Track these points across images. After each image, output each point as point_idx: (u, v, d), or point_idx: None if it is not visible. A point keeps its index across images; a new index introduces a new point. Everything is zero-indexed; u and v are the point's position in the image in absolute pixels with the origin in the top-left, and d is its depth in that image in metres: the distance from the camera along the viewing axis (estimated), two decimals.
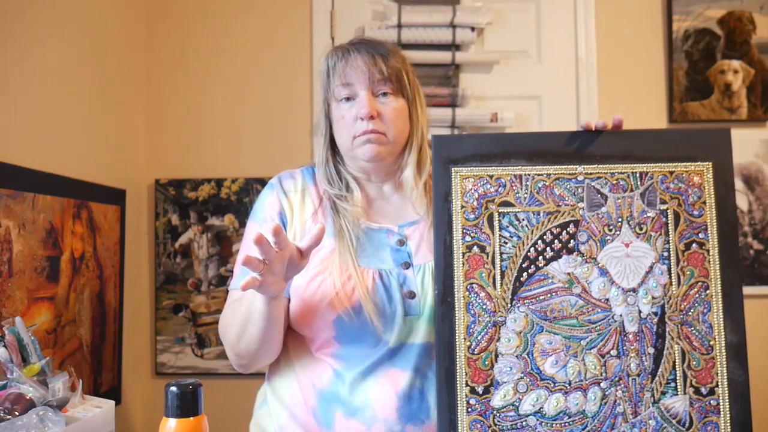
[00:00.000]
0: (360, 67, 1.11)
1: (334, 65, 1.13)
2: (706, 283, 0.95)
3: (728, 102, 2.22)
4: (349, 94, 1.12)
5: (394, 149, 1.14)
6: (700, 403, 0.93)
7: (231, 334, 1.08)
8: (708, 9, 2.24)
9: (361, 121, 1.10)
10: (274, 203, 1.16)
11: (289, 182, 1.19)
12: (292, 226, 1.14)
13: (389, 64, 1.12)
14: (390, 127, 1.11)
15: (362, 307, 1.04)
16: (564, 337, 0.95)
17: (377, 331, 1.05)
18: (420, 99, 1.18)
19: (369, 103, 1.10)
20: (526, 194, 0.98)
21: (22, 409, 1.09)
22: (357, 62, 1.11)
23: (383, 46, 1.15)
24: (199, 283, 2.17)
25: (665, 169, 0.98)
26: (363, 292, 1.04)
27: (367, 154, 1.11)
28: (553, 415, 0.93)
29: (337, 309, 1.04)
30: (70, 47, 1.70)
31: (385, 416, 1.03)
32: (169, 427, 0.77)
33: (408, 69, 1.16)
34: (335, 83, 1.13)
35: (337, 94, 1.13)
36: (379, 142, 1.10)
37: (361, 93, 1.11)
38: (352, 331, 1.05)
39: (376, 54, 1.12)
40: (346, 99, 1.12)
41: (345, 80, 1.12)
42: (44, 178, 1.51)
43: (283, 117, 2.21)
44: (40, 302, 1.47)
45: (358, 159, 1.13)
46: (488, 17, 2.20)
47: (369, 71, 1.10)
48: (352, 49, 1.13)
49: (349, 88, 1.12)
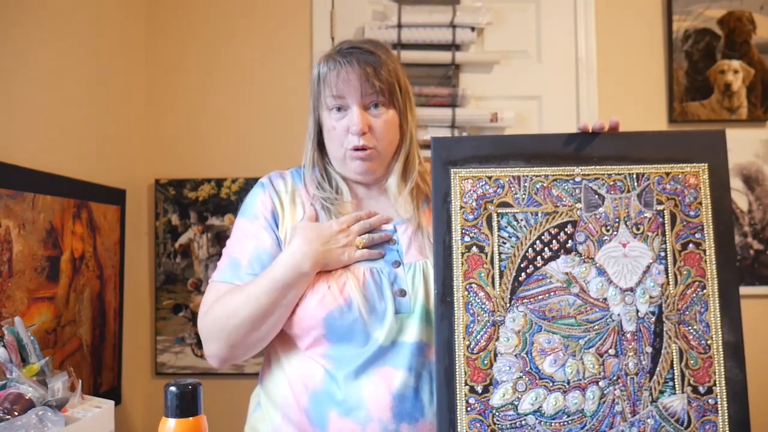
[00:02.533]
0: (352, 81, 1.11)
1: (326, 75, 1.13)
2: (703, 282, 0.96)
3: (728, 102, 2.23)
4: (341, 105, 1.13)
5: (384, 161, 1.16)
6: (698, 402, 0.93)
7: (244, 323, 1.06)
8: (708, 9, 2.24)
9: (352, 135, 1.12)
10: (267, 202, 1.17)
11: (280, 182, 1.20)
12: (284, 226, 1.15)
13: (381, 77, 1.11)
14: (380, 141, 1.13)
15: (353, 303, 1.04)
16: (562, 337, 0.95)
17: (367, 329, 1.05)
18: (411, 106, 1.19)
19: (361, 119, 1.11)
20: (524, 195, 0.98)
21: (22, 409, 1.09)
22: (349, 76, 1.11)
23: (375, 54, 1.13)
24: (199, 283, 2.17)
25: (662, 170, 0.98)
26: (354, 288, 1.05)
27: (358, 170, 1.14)
28: (551, 414, 0.94)
29: (328, 306, 1.05)
30: (70, 47, 1.70)
31: (380, 415, 1.03)
32: (168, 427, 0.77)
33: (400, 76, 1.16)
34: (326, 93, 1.13)
35: (329, 104, 1.14)
36: (371, 159, 1.13)
37: (353, 108, 1.12)
38: (342, 329, 1.05)
39: (368, 66, 1.11)
40: (337, 109, 1.13)
41: (337, 93, 1.12)
42: (44, 178, 1.51)
43: (283, 117, 2.21)
44: (40, 302, 1.47)
45: (348, 171, 1.16)
46: (488, 17, 2.20)
47: (361, 86, 1.10)
48: (343, 62, 1.12)
49: (341, 101, 1.13)
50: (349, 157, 1.14)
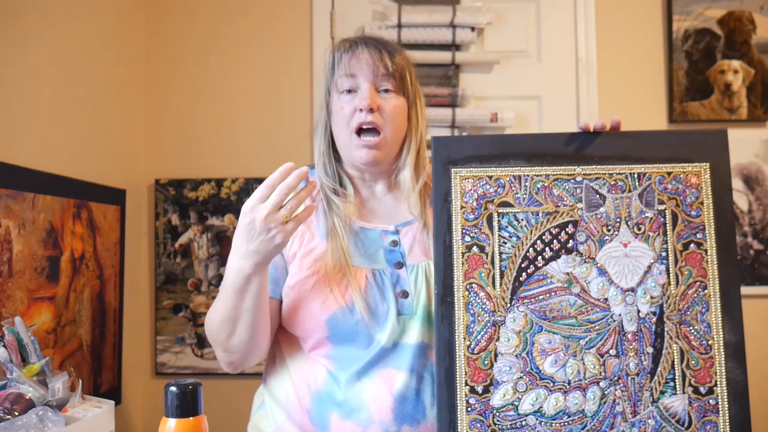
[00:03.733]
0: (366, 59, 1.11)
1: (341, 56, 1.13)
2: (704, 282, 0.95)
3: (728, 102, 2.22)
4: (352, 86, 1.12)
5: (391, 150, 1.14)
6: (699, 402, 0.93)
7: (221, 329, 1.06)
8: (708, 9, 2.24)
9: (360, 112, 1.10)
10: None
11: None
12: None
13: (395, 60, 1.12)
14: (388, 122, 1.11)
15: (355, 305, 1.04)
16: (563, 337, 0.95)
17: (369, 331, 1.05)
18: (420, 101, 1.18)
19: (370, 95, 1.10)
20: (525, 195, 0.98)
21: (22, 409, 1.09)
22: (363, 54, 1.12)
23: (390, 44, 1.16)
24: (199, 283, 2.17)
25: (663, 169, 0.98)
26: (356, 290, 1.05)
27: (364, 158, 1.11)
28: (552, 415, 0.94)
29: (330, 308, 1.05)
30: (70, 47, 1.70)
31: (381, 417, 1.03)
32: (168, 427, 0.77)
33: (411, 70, 1.17)
34: (339, 73, 1.13)
35: (340, 85, 1.13)
36: (378, 147, 1.11)
37: (363, 85, 1.11)
38: (345, 330, 1.06)
39: (383, 49, 1.13)
40: (348, 91, 1.12)
41: (349, 71, 1.12)
42: (44, 178, 1.51)
43: (283, 117, 2.21)
44: (40, 302, 1.47)
45: (354, 159, 1.13)
46: (488, 17, 2.20)
47: (374, 64, 1.11)
48: (359, 42, 1.14)
49: (353, 80, 1.12)
50: (355, 144, 1.11)
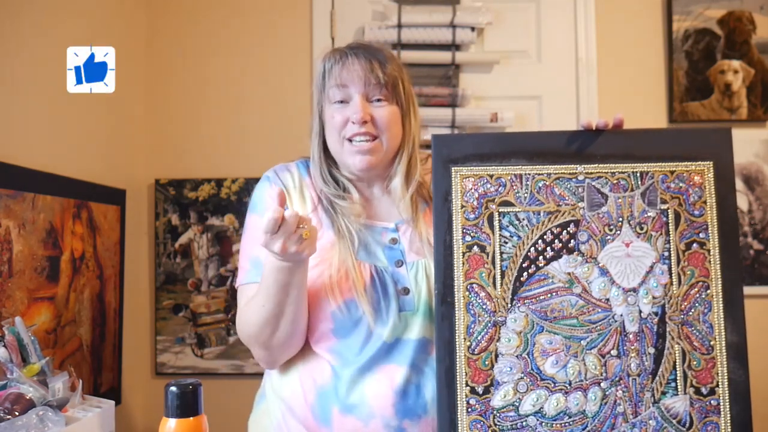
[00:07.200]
0: (356, 71, 1.11)
1: (331, 67, 1.13)
2: (707, 283, 0.95)
3: (728, 102, 2.22)
4: (343, 97, 1.12)
5: (387, 157, 1.14)
6: (700, 403, 0.93)
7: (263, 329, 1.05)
8: (708, 9, 2.24)
9: (352, 124, 1.10)
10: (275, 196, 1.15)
11: (287, 175, 1.19)
12: None
13: (386, 71, 1.12)
14: (384, 131, 1.11)
15: (359, 300, 1.05)
16: (564, 337, 0.95)
17: (372, 326, 1.06)
18: (414, 109, 1.18)
19: (362, 107, 1.10)
20: (526, 194, 0.98)
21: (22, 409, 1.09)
22: (354, 66, 1.11)
23: (381, 52, 1.15)
24: (199, 283, 2.17)
25: (666, 168, 0.97)
26: (360, 284, 1.06)
27: (358, 165, 1.11)
28: (553, 415, 0.93)
29: (335, 300, 1.06)
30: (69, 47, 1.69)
31: (382, 412, 1.03)
32: (168, 427, 0.77)
33: (404, 77, 1.16)
34: (330, 84, 1.13)
35: (332, 95, 1.13)
36: (372, 153, 1.11)
37: (355, 97, 1.11)
38: (348, 323, 1.06)
39: (374, 59, 1.12)
40: (340, 102, 1.12)
41: (340, 82, 1.12)
42: (44, 178, 1.51)
43: (283, 117, 2.21)
44: (40, 302, 1.47)
45: (348, 166, 1.13)
46: (488, 17, 2.20)
47: (365, 75, 1.10)
48: (350, 53, 1.13)
49: (344, 91, 1.12)
50: (348, 151, 1.12)
